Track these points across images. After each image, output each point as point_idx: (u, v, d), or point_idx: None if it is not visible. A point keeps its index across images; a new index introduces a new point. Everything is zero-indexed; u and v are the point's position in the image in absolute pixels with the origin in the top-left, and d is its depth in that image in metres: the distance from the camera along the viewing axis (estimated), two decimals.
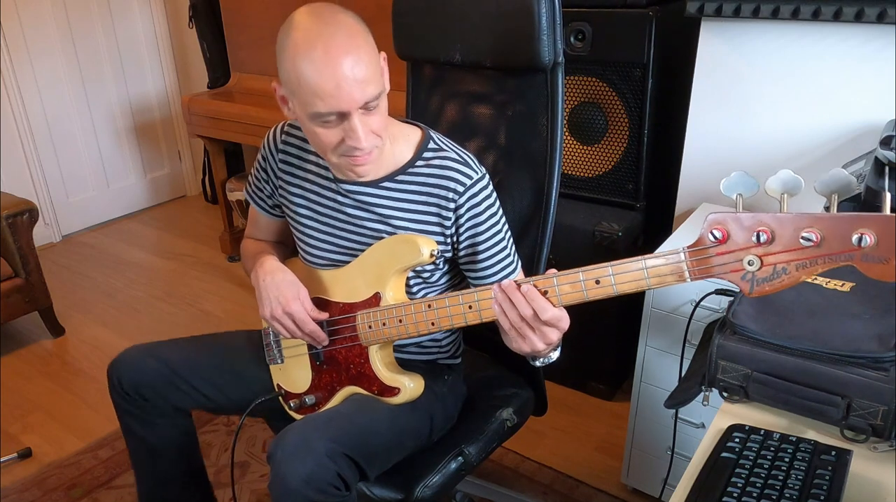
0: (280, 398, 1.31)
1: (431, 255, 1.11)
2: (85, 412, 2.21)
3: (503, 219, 1.19)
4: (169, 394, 1.29)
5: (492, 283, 1.01)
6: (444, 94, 1.47)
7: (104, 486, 1.89)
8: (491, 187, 1.16)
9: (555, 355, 1.08)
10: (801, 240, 0.74)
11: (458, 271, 1.24)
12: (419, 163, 1.15)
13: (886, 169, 1.14)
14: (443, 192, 1.13)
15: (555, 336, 0.98)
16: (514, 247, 1.21)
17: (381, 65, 1.06)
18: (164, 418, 1.32)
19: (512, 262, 1.20)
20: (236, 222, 3.26)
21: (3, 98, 3.19)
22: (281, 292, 1.17)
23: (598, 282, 0.90)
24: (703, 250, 0.81)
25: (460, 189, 1.12)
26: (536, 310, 0.95)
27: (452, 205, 1.13)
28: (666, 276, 0.85)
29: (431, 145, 1.17)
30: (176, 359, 1.30)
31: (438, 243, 1.15)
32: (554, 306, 0.95)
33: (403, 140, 1.17)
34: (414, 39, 1.42)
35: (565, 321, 0.98)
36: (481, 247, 1.16)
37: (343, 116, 1.00)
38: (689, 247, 0.83)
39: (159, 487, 1.39)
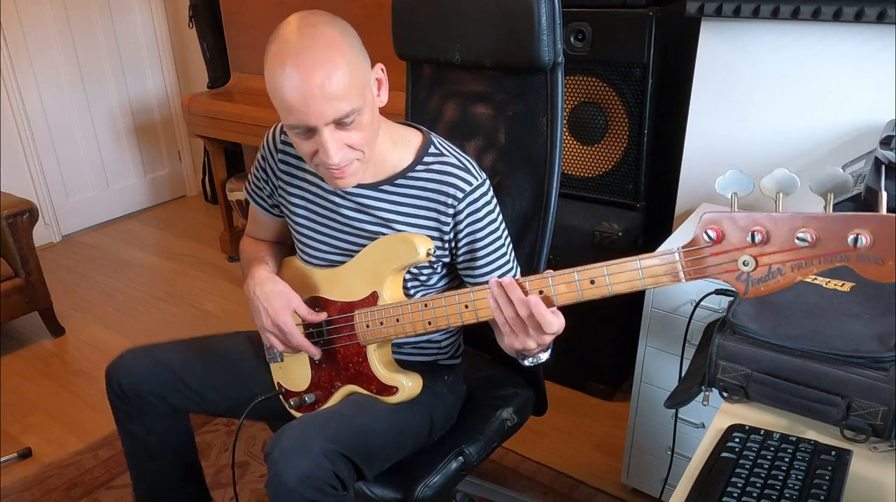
0: (280, 396, 1.31)
1: (428, 254, 1.10)
2: (85, 412, 2.21)
3: (503, 225, 1.18)
4: (168, 397, 1.28)
5: None
6: (443, 94, 1.47)
7: (104, 486, 1.89)
8: (491, 193, 1.16)
9: (544, 356, 1.08)
10: (797, 241, 0.73)
11: (456, 274, 1.24)
12: (419, 167, 1.15)
13: (883, 168, 1.14)
14: (442, 198, 1.13)
15: (549, 338, 0.98)
16: (513, 253, 1.21)
17: (380, 76, 1.06)
18: (162, 420, 1.31)
19: (511, 268, 1.20)
20: (236, 222, 3.26)
21: (3, 98, 3.19)
22: (270, 304, 1.17)
23: (593, 281, 0.90)
24: (698, 250, 0.81)
25: (460, 195, 1.12)
26: (542, 325, 0.94)
27: (451, 211, 1.13)
28: (661, 277, 0.85)
29: (432, 150, 1.16)
30: (176, 361, 1.29)
31: (436, 247, 1.15)
32: (556, 317, 0.94)
33: (404, 144, 1.16)
34: (414, 39, 1.42)
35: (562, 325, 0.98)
36: (480, 253, 1.16)
37: (312, 130, 1.00)
38: (683, 247, 0.82)
39: (156, 489, 1.39)
